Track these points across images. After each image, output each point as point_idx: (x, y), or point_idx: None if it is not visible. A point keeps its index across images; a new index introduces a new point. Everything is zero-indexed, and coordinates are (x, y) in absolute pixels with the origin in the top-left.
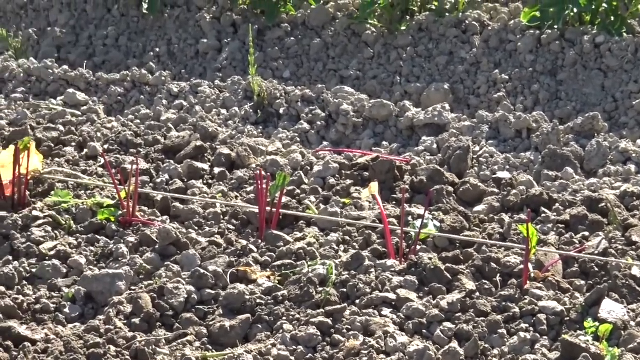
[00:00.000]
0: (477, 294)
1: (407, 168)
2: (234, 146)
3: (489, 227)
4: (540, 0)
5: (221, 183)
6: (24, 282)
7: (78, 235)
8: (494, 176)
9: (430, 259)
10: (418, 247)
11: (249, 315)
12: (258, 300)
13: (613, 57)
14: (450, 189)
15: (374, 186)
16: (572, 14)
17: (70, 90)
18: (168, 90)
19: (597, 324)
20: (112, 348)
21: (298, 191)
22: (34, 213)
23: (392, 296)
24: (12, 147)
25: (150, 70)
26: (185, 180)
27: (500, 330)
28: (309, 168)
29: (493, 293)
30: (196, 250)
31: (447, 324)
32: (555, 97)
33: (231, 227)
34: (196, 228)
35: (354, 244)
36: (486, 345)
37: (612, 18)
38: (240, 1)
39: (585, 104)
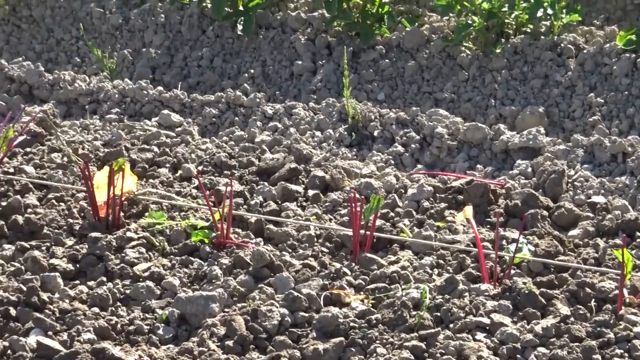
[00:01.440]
0: (572, 319)
1: (501, 192)
2: (328, 168)
3: (583, 252)
4: (636, 24)
5: (315, 205)
6: (118, 304)
7: (172, 256)
8: (588, 200)
9: (524, 283)
10: (512, 272)
11: (342, 338)
12: (351, 324)
13: None
14: (545, 213)
15: (468, 210)
16: None
17: (165, 112)
18: (262, 112)
19: None
20: None
21: (392, 214)
22: (128, 234)
23: (486, 320)
24: (106, 168)
25: (244, 92)
26: (279, 202)
27: (594, 356)
28: (403, 191)
29: (587, 318)
30: (290, 272)
31: (541, 349)
32: None
33: (325, 249)
34: (290, 250)
35: (448, 267)
36: None
37: None
38: (335, 23)
39: None
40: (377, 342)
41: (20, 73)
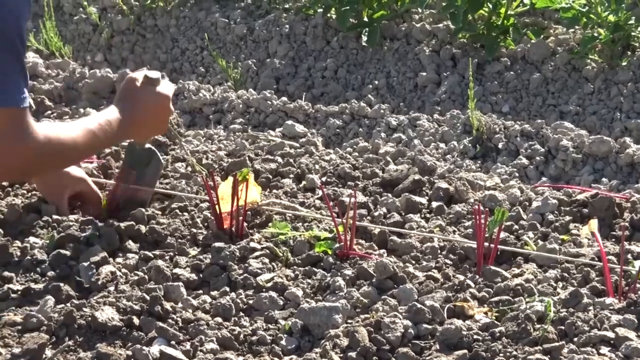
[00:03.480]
0: None
1: (626, 205)
2: (452, 180)
3: None
4: None
5: (439, 217)
6: (241, 314)
7: (295, 267)
8: None
9: None
10: (638, 286)
11: (465, 351)
12: (475, 336)
13: None
14: None
15: (594, 223)
16: None
17: (289, 122)
18: (387, 123)
19: None
20: None
21: (516, 227)
22: (252, 245)
23: (610, 334)
24: (231, 179)
25: (368, 103)
26: (403, 213)
27: None
28: (527, 203)
29: None
30: (413, 284)
31: None
32: None
33: (448, 261)
34: (413, 262)
35: (572, 280)
36: None
37: None
38: (460, 35)
39: None
40: (501, 355)
41: None
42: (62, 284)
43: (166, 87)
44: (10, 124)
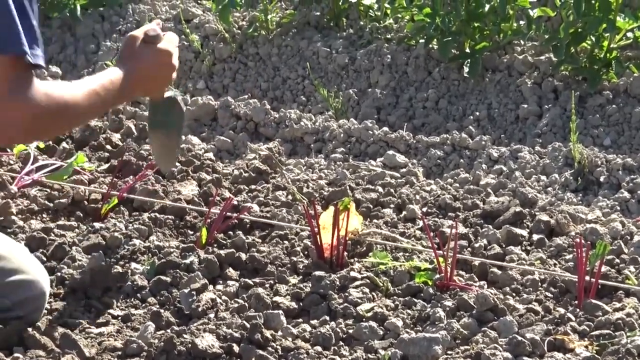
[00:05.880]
0: None
1: None
2: (553, 213)
3: None
4: None
5: (540, 250)
6: (341, 343)
7: (395, 297)
8: None
9: None
10: None
11: None
12: None
13: None
14: None
15: None
16: None
17: (390, 152)
18: (488, 155)
19: None
20: None
21: (617, 260)
22: (352, 274)
23: None
24: (332, 208)
25: (469, 134)
26: (504, 245)
27: None
28: (628, 237)
29: None
30: (513, 316)
31: None
32: None
33: (549, 294)
34: (514, 294)
35: None
36: None
37: None
38: (562, 67)
39: None
40: None
41: (247, 110)
42: (162, 310)
43: (168, 43)
44: (7, 74)
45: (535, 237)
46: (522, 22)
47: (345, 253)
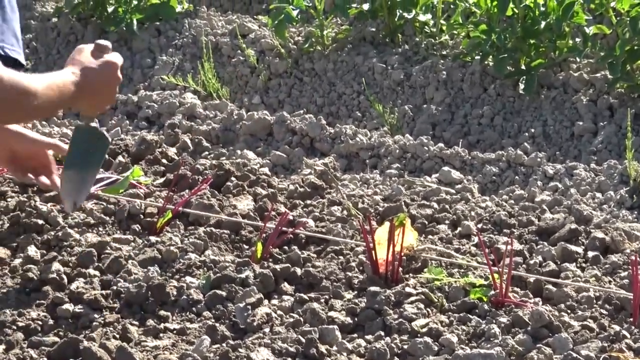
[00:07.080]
0: None
1: None
2: (608, 230)
3: None
4: None
5: (595, 267)
6: (396, 359)
7: (450, 313)
8: None
9: None
10: None
11: None
12: None
13: None
14: None
15: None
16: None
17: (445, 168)
18: (543, 172)
19: None
20: None
21: None
22: (407, 289)
23: None
24: (387, 224)
25: (525, 151)
26: (559, 262)
27: None
28: None
29: None
30: (568, 333)
31: None
32: None
33: (604, 311)
34: (568, 311)
35: None
36: None
37: None
38: (617, 85)
39: None
40: None
41: (302, 125)
42: (217, 324)
43: (115, 56)
44: None
45: (590, 254)
46: (577, 40)
47: (400, 269)
